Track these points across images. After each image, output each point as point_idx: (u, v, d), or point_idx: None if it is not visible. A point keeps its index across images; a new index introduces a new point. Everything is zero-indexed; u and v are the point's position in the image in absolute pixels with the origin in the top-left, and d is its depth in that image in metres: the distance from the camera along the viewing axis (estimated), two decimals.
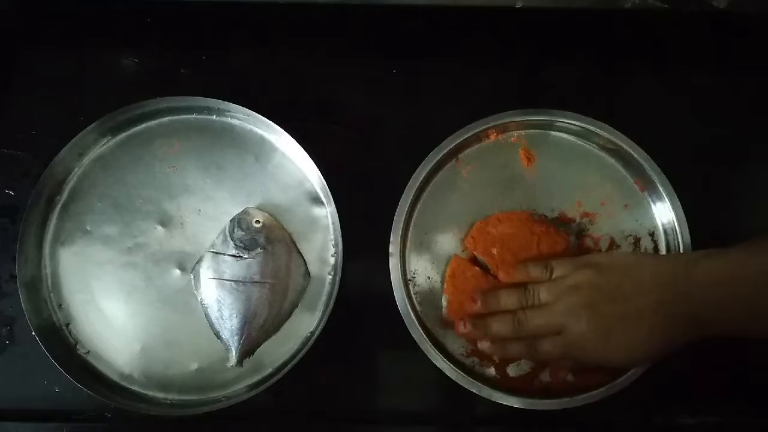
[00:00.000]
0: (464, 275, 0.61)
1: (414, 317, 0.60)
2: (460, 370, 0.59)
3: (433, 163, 0.63)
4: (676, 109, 0.67)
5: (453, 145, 0.63)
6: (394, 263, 0.61)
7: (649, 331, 0.52)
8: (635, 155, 0.62)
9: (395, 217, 0.62)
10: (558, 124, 0.64)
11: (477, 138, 0.64)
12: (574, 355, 0.55)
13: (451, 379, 0.58)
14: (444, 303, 0.62)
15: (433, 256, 0.63)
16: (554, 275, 0.57)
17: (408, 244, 0.63)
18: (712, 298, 0.50)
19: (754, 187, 0.66)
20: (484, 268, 0.61)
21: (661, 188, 0.61)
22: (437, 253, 0.63)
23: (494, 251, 0.61)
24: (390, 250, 0.61)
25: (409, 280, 0.62)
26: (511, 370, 0.60)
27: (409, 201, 0.62)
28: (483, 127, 0.63)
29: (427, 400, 0.62)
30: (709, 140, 0.67)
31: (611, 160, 0.64)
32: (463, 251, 0.63)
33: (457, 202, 0.64)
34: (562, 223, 0.63)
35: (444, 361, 0.59)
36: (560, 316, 0.54)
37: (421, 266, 0.63)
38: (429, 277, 0.63)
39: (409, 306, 0.60)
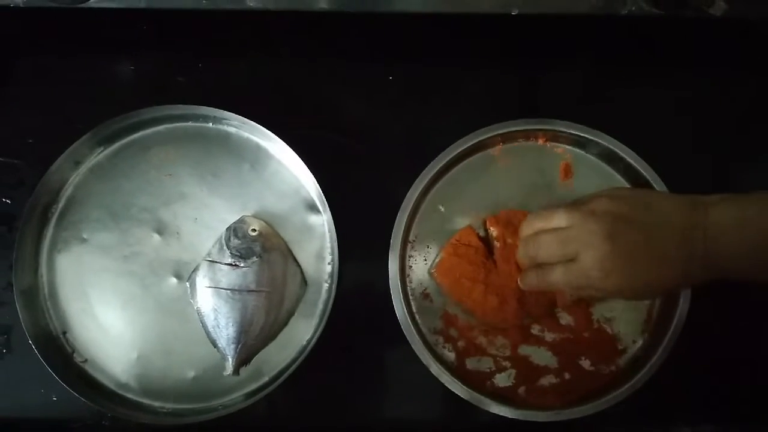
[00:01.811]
0: (467, 243, 0.61)
1: (410, 322, 0.60)
2: (455, 376, 0.59)
3: (471, 143, 0.62)
4: (672, 114, 0.67)
5: (500, 132, 0.63)
6: (395, 243, 0.61)
7: (671, 266, 0.51)
8: None
9: (410, 190, 0.62)
10: (607, 151, 0.63)
11: (525, 136, 0.64)
12: (589, 285, 0.53)
13: (447, 387, 0.58)
14: (437, 259, 0.62)
15: (440, 232, 0.63)
16: (575, 203, 0.56)
17: (415, 221, 0.63)
18: (729, 242, 0.49)
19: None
20: (490, 250, 0.61)
21: None
22: (445, 231, 0.63)
23: (508, 241, 0.60)
24: (392, 232, 0.61)
25: (407, 272, 0.62)
26: (471, 364, 0.61)
27: (432, 174, 0.62)
28: (533, 127, 0.63)
29: (423, 408, 0.63)
30: (706, 145, 0.67)
31: None
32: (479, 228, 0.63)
33: (483, 187, 0.64)
34: None
35: (440, 368, 0.59)
36: (576, 241, 0.52)
37: (422, 245, 0.63)
38: (426, 260, 0.63)
39: (406, 311, 0.60)
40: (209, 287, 0.61)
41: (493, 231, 0.61)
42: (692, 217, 0.51)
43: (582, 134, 0.62)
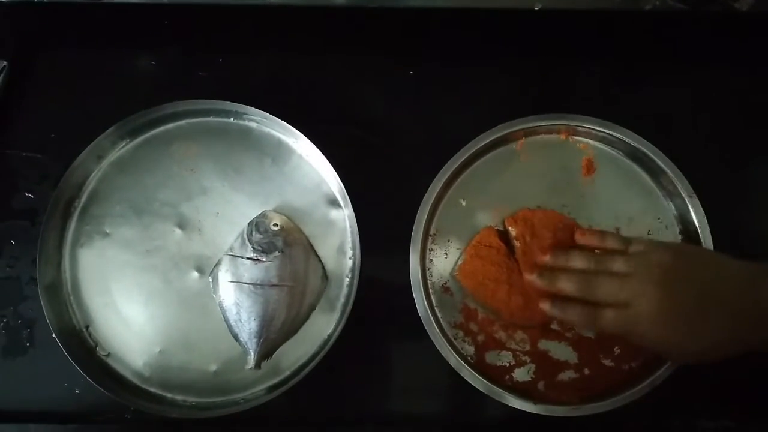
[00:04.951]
0: (488, 245, 0.61)
1: (430, 315, 0.60)
2: (474, 370, 0.59)
3: (494, 137, 0.63)
4: (695, 110, 0.67)
5: (522, 127, 0.63)
6: (416, 236, 0.61)
7: (720, 328, 0.51)
8: (692, 212, 0.60)
9: (433, 183, 0.62)
10: (629, 148, 0.63)
11: (548, 130, 0.64)
12: (636, 333, 0.53)
13: (468, 383, 0.58)
14: (459, 262, 0.62)
15: (461, 226, 0.63)
16: (631, 250, 0.56)
17: (437, 214, 0.63)
18: None
19: None
20: (510, 249, 0.61)
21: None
22: (466, 224, 0.63)
23: (528, 239, 0.60)
24: (416, 218, 0.61)
25: (428, 266, 0.62)
26: (490, 358, 0.61)
27: (455, 167, 0.62)
28: (556, 123, 0.63)
29: (442, 402, 0.62)
30: (729, 141, 0.66)
31: (669, 204, 0.63)
32: (497, 227, 0.63)
33: (505, 181, 0.64)
34: None
35: (459, 361, 0.59)
36: (633, 290, 0.52)
37: (443, 239, 0.63)
38: (446, 253, 0.63)
39: (426, 305, 0.60)
40: (231, 282, 0.61)
41: (513, 230, 0.61)
42: (750, 283, 0.51)
43: (604, 130, 0.62)
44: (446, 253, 0.63)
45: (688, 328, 0.51)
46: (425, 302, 0.60)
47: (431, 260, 0.63)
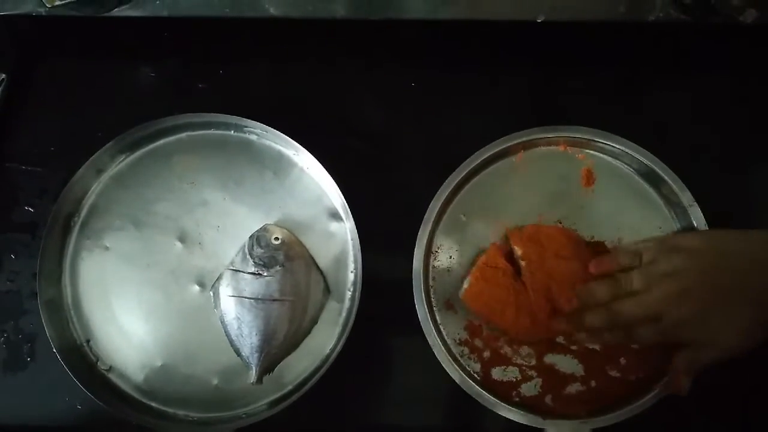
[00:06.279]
0: (495, 266, 0.60)
1: (434, 332, 0.60)
2: (481, 387, 0.59)
3: (493, 152, 0.62)
4: (697, 121, 0.66)
5: (519, 141, 0.62)
6: (419, 253, 0.61)
7: (745, 316, 0.52)
8: (694, 221, 0.60)
9: (433, 200, 0.62)
10: (629, 157, 0.62)
11: (546, 142, 0.63)
12: (675, 339, 0.55)
13: (473, 398, 0.58)
14: (465, 285, 0.61)
15: (462, 242, 0.63)
16: (644, 260, 0.57)
17: (438, 230, 0.63)
18: None
19: None
20: (516, 268, 0.61)
21: None
22: (467, 240, 0.63)
23: (534, 258, 0.60)
24: (419, 233, 0.61)
25: (431, 283, 0.62)
26: (496, 374, 0.60)
27: (455, 183, 0.62)
28: (553, 135, 0.63)
29: (448, 418, 0.62)
30: (732, 152, 0.66)
31: (669, 213, 0.62)
32: (503, 242, 0.62)
33: (505, 195, 0.63)
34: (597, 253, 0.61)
35: (465, 378, 0.59)
36: (656, 304, 0.54)
37: (445, 255, 0.63)
38: (449, 270, 0.62)
39: (430, 321, 0.60)
40: (232, 296, 0.61)
41: (518, 250, 0.60)
42: (765, 264, 0.52)
43: (603, 140, 0.62)
44: (449, 270, 0.62)
45: (718, 325, 0.52)
46: (429, 319, 0.60)
47: (434, 278, 0.62)
